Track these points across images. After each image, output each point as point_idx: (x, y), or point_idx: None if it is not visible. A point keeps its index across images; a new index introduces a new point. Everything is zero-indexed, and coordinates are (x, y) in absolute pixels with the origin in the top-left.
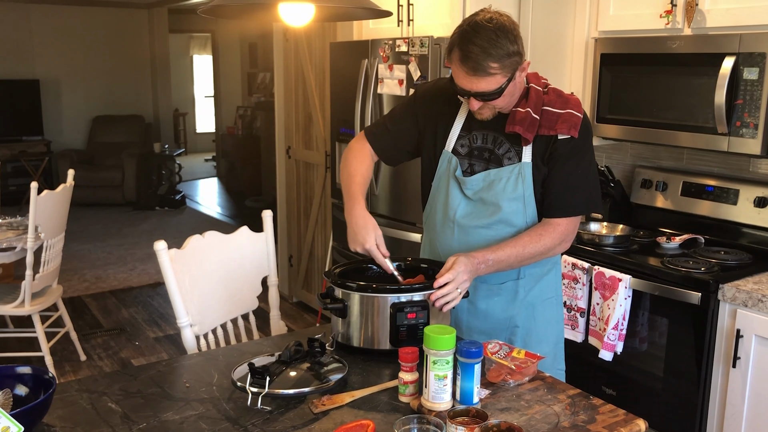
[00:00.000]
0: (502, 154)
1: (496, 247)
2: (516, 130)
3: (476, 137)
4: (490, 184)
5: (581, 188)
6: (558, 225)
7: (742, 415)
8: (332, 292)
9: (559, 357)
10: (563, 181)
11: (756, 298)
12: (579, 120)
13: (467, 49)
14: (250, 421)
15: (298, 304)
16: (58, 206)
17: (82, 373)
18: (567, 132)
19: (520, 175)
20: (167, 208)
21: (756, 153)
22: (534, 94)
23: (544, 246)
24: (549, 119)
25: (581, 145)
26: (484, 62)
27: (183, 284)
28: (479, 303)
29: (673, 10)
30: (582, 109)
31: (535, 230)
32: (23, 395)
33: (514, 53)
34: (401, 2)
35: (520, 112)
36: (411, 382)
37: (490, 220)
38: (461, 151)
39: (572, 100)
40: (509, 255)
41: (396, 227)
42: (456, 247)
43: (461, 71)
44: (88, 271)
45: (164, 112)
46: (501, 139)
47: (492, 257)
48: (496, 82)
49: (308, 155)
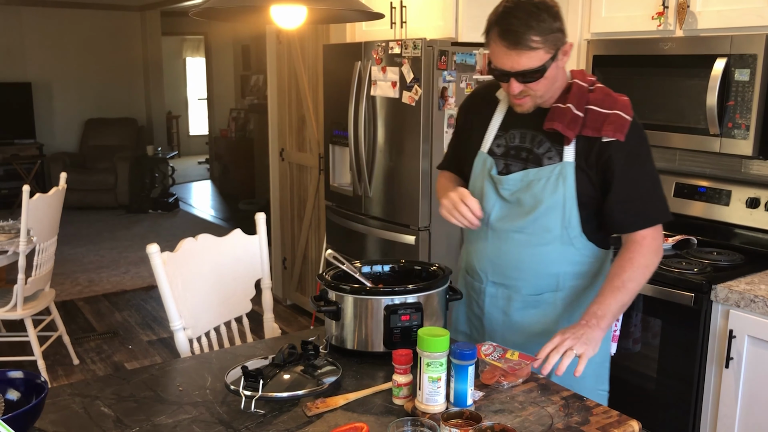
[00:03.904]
0: (542, 153)
1: (595, 298)
2: (555, 126)
3: (513, 136)
4: (529, 184)
5: (653, 196)
6: (643, 238)
7: (735, 416)
8: (326, 295)
9: (602, 377)
10: (634, 190)
11: (748, 299)
12: (627, 123)
13: (507, 23)
14: (244, 424)
15: (292, 306)
16: (50, 209)
17: (75, 377)
18: (612, 135)
19: (561, 176)
20: (160, 211)
21: (748, 154)
22: (577, 89)
23: (640, 265)
24: (594, 119)
25: (638, 149)
26: (526, 35)
27: (176, 287)
28: (514, 315)
29: (665, 12)
30: (632, 111)
31: (621, 257)
32: (15, 400)
33: (557, 29)
34: (394, 4)
35: (560, 108)
36: (405, 385)
37: (525, 222)
38: (497, 152)
39: (621, 100)
40: (611, 293)
41: (389, 229)
42: (490, 252)
43: (501, 48)
44: (81, 275)
45: (157, 114)
46: (540, 138)
47: (595, 307)
48: (539, 59)
49: (302, 158)
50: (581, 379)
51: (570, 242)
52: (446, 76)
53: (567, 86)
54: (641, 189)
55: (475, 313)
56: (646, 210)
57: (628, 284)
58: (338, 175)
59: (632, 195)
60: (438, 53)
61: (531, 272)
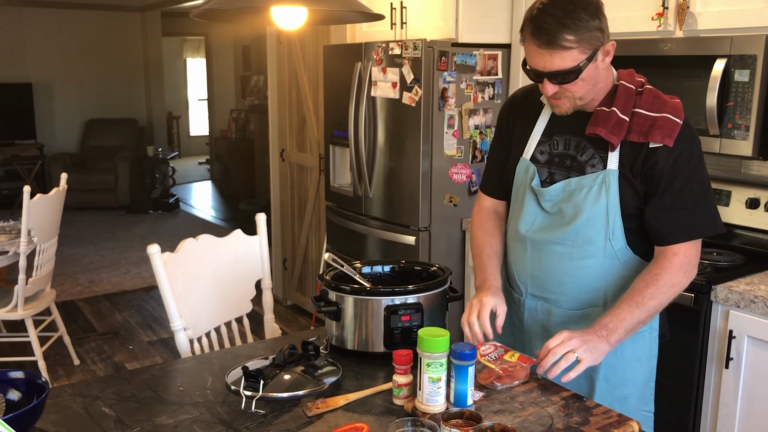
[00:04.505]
0: (585, 161)
1: (610, 309)
2: (598, 132)
3: (557, 143)
4: (571, 194)
5: (699, 206)
6: (675, 254)
7: (735, 416)
8: (326, 295)
9: (647, 398)
10: (675, 201)
11: (748, 299)
12: (677, 126)
13: (540, 20)
14: (244, 424)
15: (293, 307)
16: (51, 210)
17: (76, 377)
18: (661, 140)
19: (603, 184)
20: (161, 211)
21: (747, 155)
22: (623, 92)
23: (665, 284)
24: (641, 124)
25: (687, 156)
26: (559, 33)
27: (176, 288)
28: (554, 330)
29: (665, 13)
30: (683, 113)
31: (648, 271)
32: (16, 400)
33: (595, 28)
34: (394, 5)
35: (603, 111)
36: (405, 385)
37: (566, 234)
38: (540, 159)
39: (671, 102)
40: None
41: (390, 230)
42: (529, 264)
43: (534, 47)
44: (82, 275)
45: (158, 115)
46: (584, 144)
47: (608, 319)
48: (573, 59)
49: (302, 158)
50: (624, 399)
51: (614, 255)
52: (446, 77)
53: (613, 88)
54: (685, 198)
55: (516, 325)
56: (687, 222)
57: (648, 302)
58: (338, 176)
59: (675, 204)
60: (438, 54)
61: (572, 286)
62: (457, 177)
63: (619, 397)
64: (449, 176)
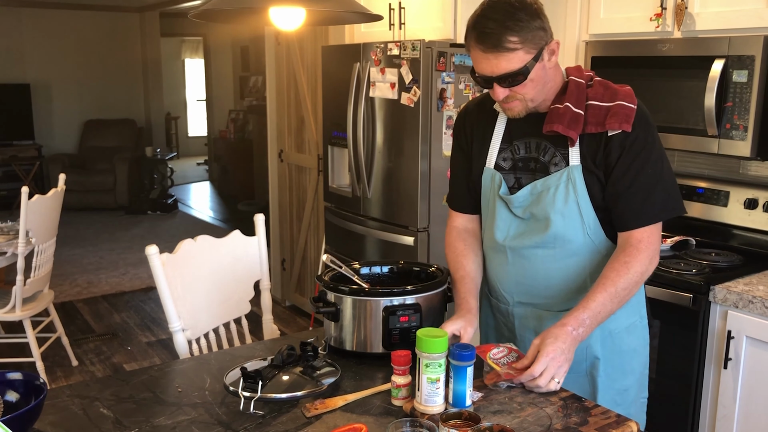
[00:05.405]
0: (548, 161)
1: (584, 301)
2: (555, 128)
3: (518, 147)
4: (539, 196)
5: (657, 190)
6: (639, 241)
7: (733, 416)
8: (325, 296)
9: (643, 385)
10: (632, 185)
11: (747, 300)
12: (632, 111)
13: (482, 25)
14: (243, 425)
15: (291, 307)
16: (49, 211)
17: (74, 378)
18: (618, 126)
19: (569, 181)
20: (159, 212)
21: (746, 155)
22: (574, 87)
23: (636, 272)
24: (596, 114)
25: (643, 139)
26: (502, 36)
27: (175, 289)
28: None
29: (663, 14)
30: (635, 99)
31: (617, 259)
32: (14, 401)
33: (537, 28)
34: (393, 6)
35: (557, 108)
36: (404, 386)
37: (544, 237)
38: (504, 166)
39: (622, 90)
40: (603, 301)
41: (388, 230)
42: (512, 273)
43: (479, 52)
44: (80, 276)
45: (156, 115)
46: (545, 144)
47: (586, 314)
48: (519, 60)
49: (301, 159)
50: (625, 391)
51: (596, 249)
52: (445, 78)
53: (563, 85)
54: (641, 182)
55: (506, 336)
56: (643, 207)
57: (621, 293)
58: (337, 177)
59: (629, 191)
60: (437, 54)
61: (560, 287)
62: None
63: (620, 389)
64: (448, 177)
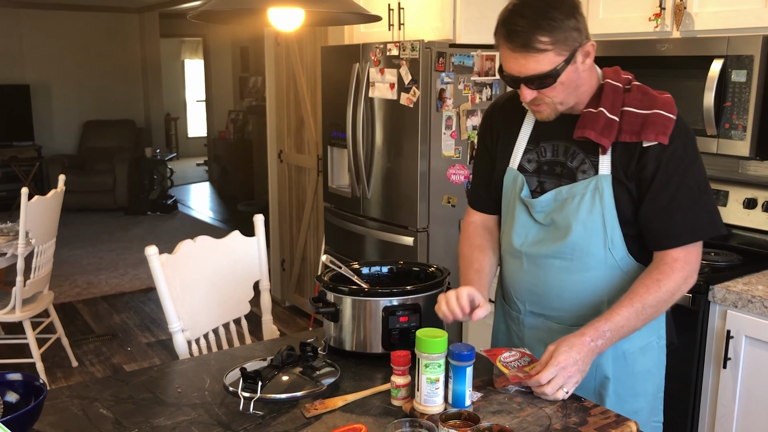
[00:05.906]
0: (575, 167)
1: (608, 313)
2: (586, 135)
3: (545, 150)
4: (563, 203)
5: (697, 207)
6: (675, 260)
7: (733, 416)
8: (324, 296)
9: (657, 409)
10: (671, 203)
11: (746, 299)
12: (670, 122)
13: (512, 22)
14: (243, 426)
15: (291, 308)
16: (49, 212)
17: (74, 379)
18: (654, 138)
19: (597, 191)
20: (159, 212)
21: (745, 155)
22: (610, 90)
23: (667, 291)
24: (631, 122)
25: (682, 152)
26: (532, 35)
27: (174, 289)
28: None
29: (662, 14)
30: (675, 108)
31: (649, 275)
32: (14, 402)
33: (571, 28)
34: (392, 6)
35: (590, 113)
36: (403, 386)
37: (562, 247)
38: (528, 168)
39: (661, 98)
40: (628, 316)
41: (388, 230)
42: (526, 281)
43: (507, 51)
44: (80, 277)
45: (156, 116)
46: (574, 150)
47: (608, 326)
48: (549, 62)
49: (300, 159)
50: (635, 413)
51: (616, 265)
52: (444, 78)
53: (599, 88)
54: (681, 199)
55: (516, 344)
56: (686, 224)
57: (648, 310)
58: (337, 177)
59: (671, 205)
60: (436, 55)
61: (574, 302)
62: (455, 178)
63: (630, 411)
64: (447, 177)
